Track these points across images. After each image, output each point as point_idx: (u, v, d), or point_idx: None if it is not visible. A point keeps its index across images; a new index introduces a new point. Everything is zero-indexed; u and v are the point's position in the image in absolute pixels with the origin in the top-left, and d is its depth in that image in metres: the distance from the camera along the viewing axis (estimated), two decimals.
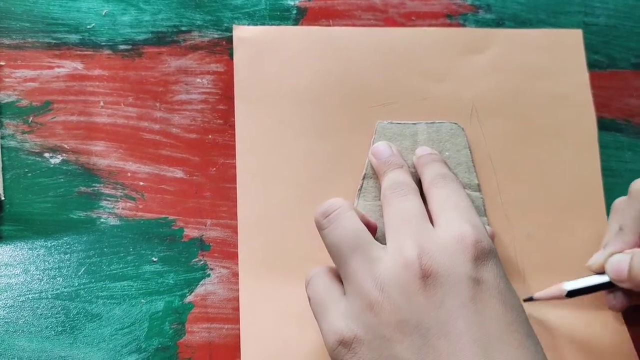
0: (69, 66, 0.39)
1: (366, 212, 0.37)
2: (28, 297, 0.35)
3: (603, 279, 0.34)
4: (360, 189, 0.38)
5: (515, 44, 0.43)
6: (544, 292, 0.35)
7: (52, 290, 0.35)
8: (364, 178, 0.38)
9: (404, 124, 0.39)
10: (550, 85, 0.42)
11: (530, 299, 0.35)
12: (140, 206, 0.37)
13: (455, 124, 0.40)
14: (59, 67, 0.39)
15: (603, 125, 0.42)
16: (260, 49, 0.40)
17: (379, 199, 0.37)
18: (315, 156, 0.39)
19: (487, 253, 0.28)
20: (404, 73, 0.41)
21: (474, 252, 0.28)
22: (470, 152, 0.39)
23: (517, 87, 0.42)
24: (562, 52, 0.43)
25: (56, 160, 0.37)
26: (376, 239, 0.31)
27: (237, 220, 0.37)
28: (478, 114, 0.41)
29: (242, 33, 0.41)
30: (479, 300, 0.26)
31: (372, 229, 0.34)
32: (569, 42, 0.43)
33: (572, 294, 0.34)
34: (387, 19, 0.42)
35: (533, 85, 0.42)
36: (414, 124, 0.39)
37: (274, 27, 0.41)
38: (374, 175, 0.38)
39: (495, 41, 0.42)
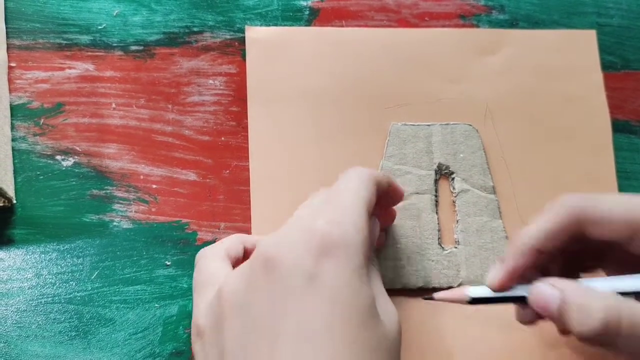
0: (80, 67, 0.38)
1: None
2: (41, 302, 0.34)
3: (513, 293, 0.31)
4: None
5: (529, 44, 0.42)
6: (445, 294, 0.32)
7: (65, 295, 0.35)
8: None
9: (418, 125, 0.39)
10: (564, 86, 0.42)
11: (431, 298, 0.33)
12: (153, 209, 0.37)
13: (470, 125, 0.39)
14: (70, 68, 0.38)
15: (617, 127, 0.41)
16: (273, 50, 0.40)
17: None
18: (329, 158, 0.38)
19: (334, 247, 0.25)
20: (418, 74, 0.41)
21: (319, 245, 0.25)
22: (485, 154, 0.39)
23: (531, 88, 0.41)
24: (575, 53, 0.43)
25: (68, 162, 0.37)
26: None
27: (250, 223, 0.37)
28: (492, 115, 0.40)
29: (255, 34, 0.40)
30: (304, 298, 0.25)
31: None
32: (583, 43, 0.43)
33: (475, 301, 0.31)
34: (400, 20, 0.42)
35: (547, 87, 0.42)
36: (428, 125, 0.39)
37: (286, 28, 0.41)
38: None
39: (509, 42, 0.42)
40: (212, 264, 0.31)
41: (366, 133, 0.39)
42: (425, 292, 0.36)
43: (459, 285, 0.36)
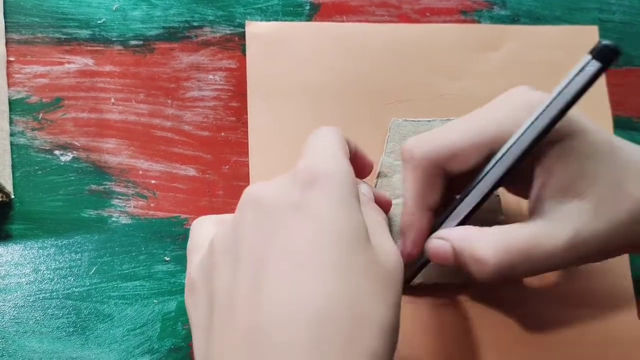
0: (80, 62, 0.38)
1: None
2: (39, 297, 0.34)
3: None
4: (374, 187, 0.37)
5: (530, 40, 0.42)
6: None
7: (63, 290, 0.34)
8: (378, 176, 0.38)
9: (419, 121, 0.39)
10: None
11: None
12: (152, 205, 0.36)
13: None
14: (69, 62, 0.38)
15: (618, 123, 0.41)
16: (274, 45, 0.40)
17: (394, 198, 0.37)
18: None
19: (318, 177, 0.25)
20: (419, 70, 0.40)
21: (303, 177, 0.25)
22: None
23: (532, 84, 0.41)
24: (577, 48, 0.42)
25: (67, 157, 0.36)
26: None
27: None
28: None
29: (255, 29, 0.40)
30: (290, 227, 0.24)
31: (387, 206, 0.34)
32: (585, 39, 0.43)
33: (409, 280, 0.33)
34: (401, 15, 0.42)
35: (548, 83, 0.41)
36: (429, 121, 0.39)
37: (287, 23, 0.40)
38: (389, 173, 0.38)
39: (510, 38, 0.42)
40: (205, 229, 0.30)
41: (367, 128, 0.39)
42: (426, 288, 0.36)
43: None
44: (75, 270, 0.35)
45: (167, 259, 0.36)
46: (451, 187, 0.32)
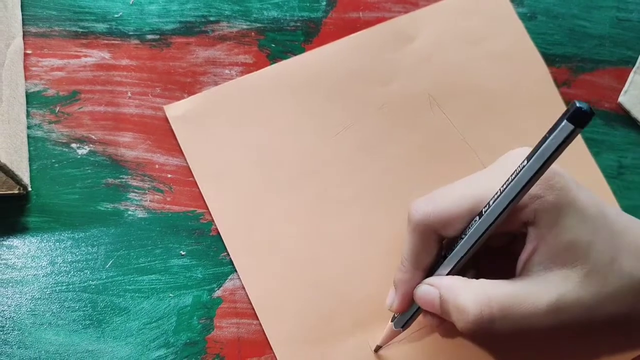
0: (97, 55, 0.38)
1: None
2: (55, 290, 0.34)
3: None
4: None
5: (441, 17, 0.41)
6: (384, 338, 0.35)
7: (79, 283, 0.35)
8: None
9: None
10: (489, 46, 0.41)
11: (379, 348, 0.36)
12: (168, 199, 0.36)
13: None
14: (86, 56, 0.38)
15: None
16: (200, 118, 0.38)
17: None
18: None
19: None
20: (352, 88, 0.39)
21: None
22: None
23: (459, 60, 0.41)
24: (488, 8, 0.42)
25: (83, 151, 0.37)
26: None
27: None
28: (437, 101, 0.40)
29: (175, 112, 0.38)
30: None
31: None
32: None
33: (404, 326, 0.34)
34: None
35: (473, 53, 0.41)
36: None
37: (201, 94, 0.38)
38: None
39: (422, 23, 0.41)
40: None
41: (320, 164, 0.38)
42: None
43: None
44: (92, 263, 0.35)
45: (183, 253, 0.36)
46: (446, 246, 0.33)
